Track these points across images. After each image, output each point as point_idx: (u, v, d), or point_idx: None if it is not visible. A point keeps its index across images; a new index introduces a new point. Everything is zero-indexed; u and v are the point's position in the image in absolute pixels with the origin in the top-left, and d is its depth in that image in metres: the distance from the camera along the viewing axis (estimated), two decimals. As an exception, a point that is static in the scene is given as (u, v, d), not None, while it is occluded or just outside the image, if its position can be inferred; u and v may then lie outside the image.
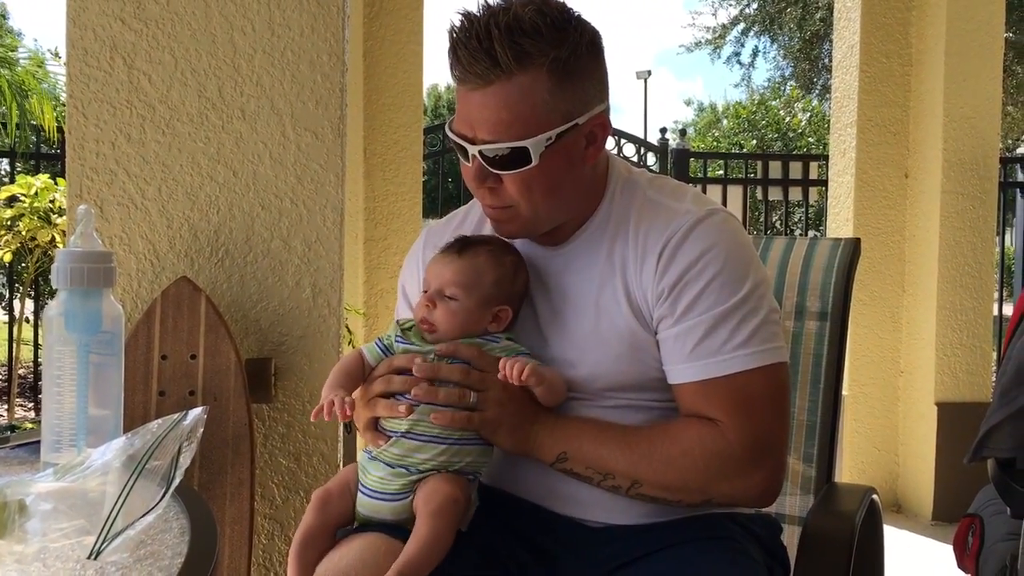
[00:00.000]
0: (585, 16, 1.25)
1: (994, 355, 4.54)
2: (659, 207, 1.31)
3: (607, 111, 1.29)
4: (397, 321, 1.34)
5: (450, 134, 1.27)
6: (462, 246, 1.30)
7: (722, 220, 1.29)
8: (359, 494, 1.23)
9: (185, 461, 0.93)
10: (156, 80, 2.00)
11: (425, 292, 1.30)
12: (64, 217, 3.81)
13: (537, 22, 1.18)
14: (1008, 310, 5.35)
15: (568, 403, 1.28)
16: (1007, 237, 7.03)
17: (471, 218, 1.46)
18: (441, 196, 5.82)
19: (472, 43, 1.18)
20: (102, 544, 0.81)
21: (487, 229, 1.40)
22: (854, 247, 1.74)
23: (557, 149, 1.22)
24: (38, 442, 1.10)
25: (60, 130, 4.60)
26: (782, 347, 1.28)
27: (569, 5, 1.24)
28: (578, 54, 1.21)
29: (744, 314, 1.24)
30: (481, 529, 1.25)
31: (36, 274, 4.71)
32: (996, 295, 4.40)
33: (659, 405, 1.30)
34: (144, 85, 2.00)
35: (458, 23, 1.20)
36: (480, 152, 1.22)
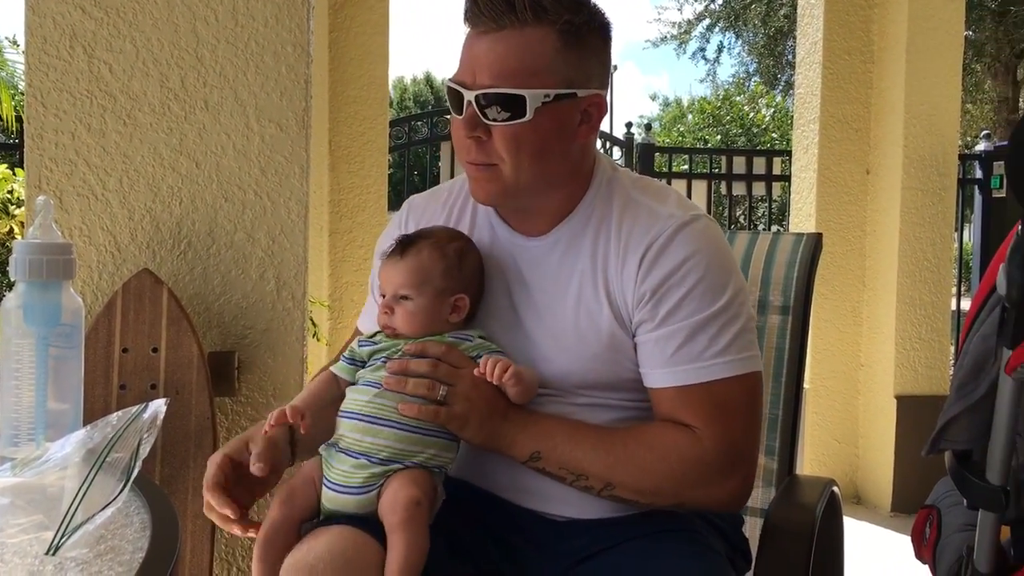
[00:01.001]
0: None
1: (952, 349, 4.61)
2: (642, 207, 1.31)
3: (605, 97, 1.30)
4: (363, 333, 1.36)
5: (448, 83, 1.27)
6: (404, 246, 1.30)
7: (705, 226, 1.30)
8: (323, 488, 1.23)
9: (144, 453, 0.92)
10: (117, 70, 1.97)
11: (383, 297, 1.30)
12: (23, 208, 3.74)
13: None
14: (966, 305, 5.45)
15: (539, 399, 1.28)
16: (965, 233, 7.15)
17: (453, 198, 1.44)
18: (407, 189, 5.79)
19: None
20: (61, 539, 0.80)
21: (468, 212, 1.40)
22: (816, 242, 1.76)
23: (552, 111, 1.23)
24: (-5, 436, 1.09)
25: (19, 119, 4.51)
26: (758, 356, 1.29)
27: None
28: (591, 27, 1.25)
29: (724, 322, 1.25)
30: (448, 522, 1.25)
31: (-7, 266, 4.63)
32: (954, 290, 4.47)
33: (631, 405, 1.31)
34: (105, 75, 1.97)
35: None
36: (476, 98, 1.22)
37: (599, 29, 1.26)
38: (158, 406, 0.94)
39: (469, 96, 1.23)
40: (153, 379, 1.92)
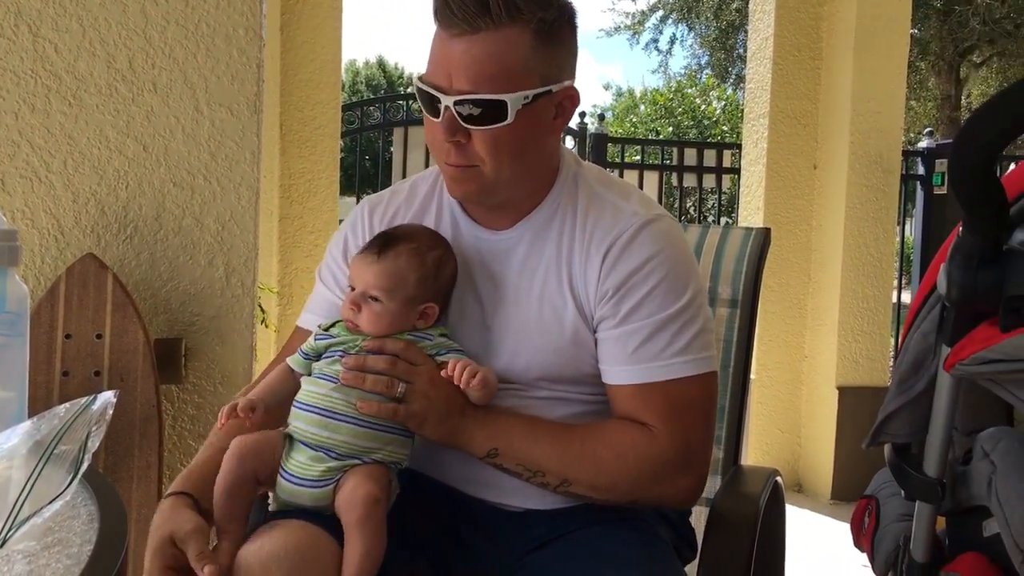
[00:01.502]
0: None
1: (892, 342, 4.72)
2: (607, 203, 1.32)
3: (575, 87, 1.30)
4: (319, 325, 1.32)
5: (420, 85, 1.24)
6: (382, 246, 1.28)
7: (668, 227, 1.31)
8: (279, 478, 1.22)
9: (93, 445, 0.90)
10: (63, 49, 1.93)
11: (352, 289, 1.29)
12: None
13: None
14: (907, 298, 5.57)
15: (499, 391, 1.28)
16: (907, 228, 7.31)
17: (416, 195, 1.42)
18: (359, 174, 5.75)
19: None
20: (8, 532, 0.78)
21: (433, 209, 1.39)
22: (765, 237, 1.79)
23: (530, 111, 1.22)
24: (-65, 425, 1.06)
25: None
26: (714, 357, 1.31)
27: None
28: (561, 22, 1.23)
29: (684, 322, 1.26)
30: (401, 514, 1.25)
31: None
32: (896, 283, 4.57)
33: (590, 399, 1.32)
34: (50, 54, 1.92)
35: None
36: (454, 103, 1.21)
37: (568, 21, 1.26)
38: (107, 398, 0.93)
39: (447, 101, 1.21)
40: (97, 366, 1.89)
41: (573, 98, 1.29)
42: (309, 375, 1.28)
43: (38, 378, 1.84)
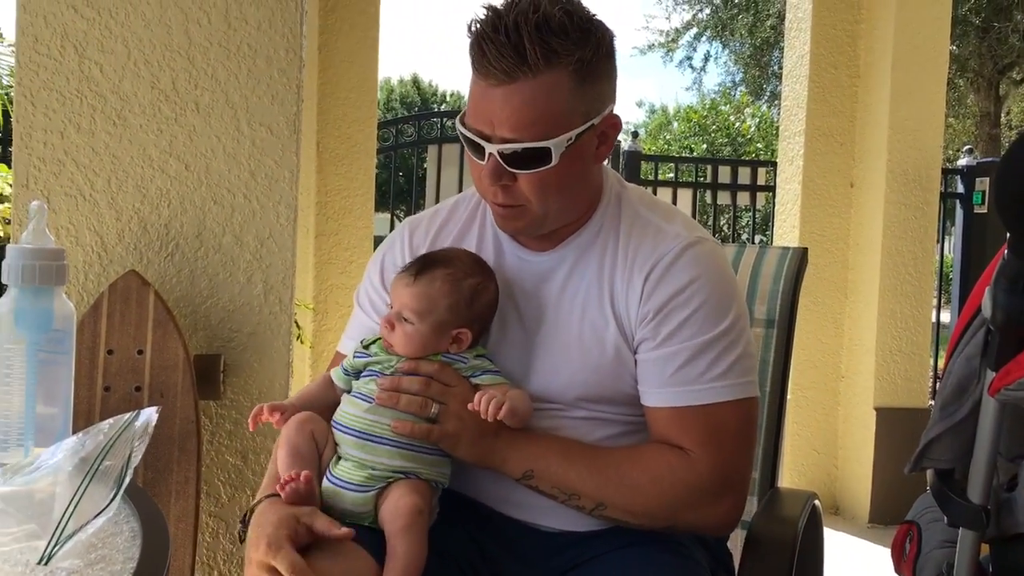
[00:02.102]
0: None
1: (931, 362, 4.65)
2: (650, 225, 1.32)
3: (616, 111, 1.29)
4: (361, 341, 1.34)
5: (464, 130, 1.25)
6: (419, 269, 1.29)
7: (710, 249, 1.31)
8: (324, 480, 1.23)
9: (136, 461, 0.91)
10: (108, 70, 1.97)
11: (389, 308, 1.30)
12: (5, 204, 3.72)
13: (565, 22, 1.18)
14: (945, 318, 5.50)
15: (537, 411, 1.28)
16: (945, 246, 7.21)
17: (457, 216, 1.43)
18: (392, 191, 5.79)
19: (500, 38, 1.16)
20: (53, 548, 0.80)
21: (475, 230, 1.39)
22: (802, 257, 1.77)
23: (574, 150, 1.22)
24: (-17, 440, 1.08)
25: (6, 115, 4.47)
26: (755, 382, 1.30)
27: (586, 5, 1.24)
28: (599, 55, 1.22)
29: (724, 346, 1.25)
30: (437, 533, 1.25)
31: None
32: (935, 303, 4.51)
33: (629, 420, 1.31)
34: (95, 75, 1.96)
35: (483, 17, 1.19)
36: (499, 151, 1.21)
37: (606, 51, 1.24)
38: (150, 414, 0.94)
39: (491, 149, 1.21)
40: (138, 381, 1.91)
41: (616, 126, 1.29)
42: (349, 392, 1.29)
43: (81, 393, 1.87)
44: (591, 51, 1.20)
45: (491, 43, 1.17)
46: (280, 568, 1.10)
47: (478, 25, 1.19)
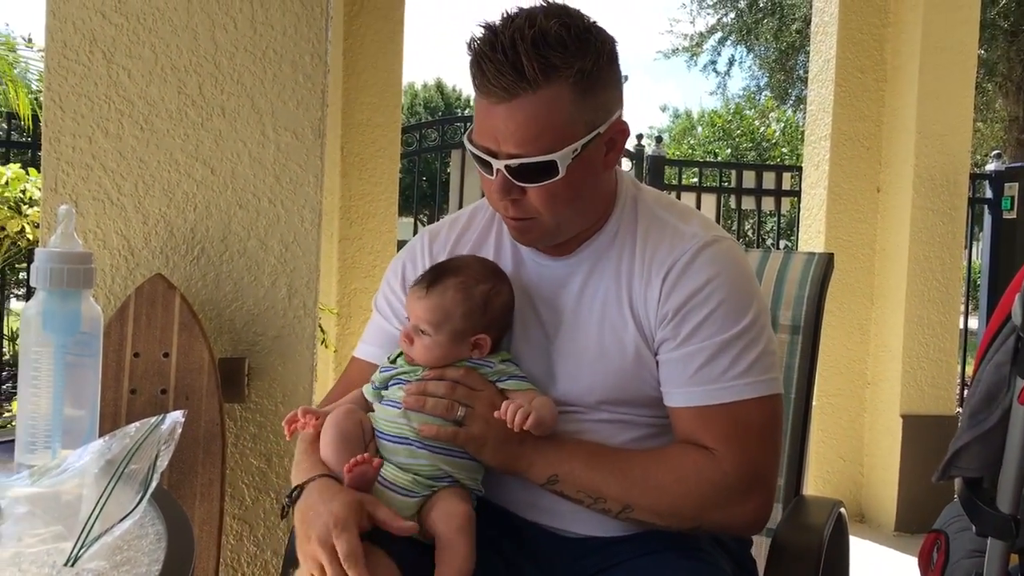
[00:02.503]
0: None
1: (959, 369, 4.60)
2: (667, 226, 1.32)
3: (623, 117, 1.29)
4: (388, 356, 1.35)
5: (471, 147, 1.25)
6: (431, 281, 1.30)
7: (728, 248, 1.30)
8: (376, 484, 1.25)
9: (162, 465, 0.92)
10: (135, 75, 1.98)
11: (408, 320, 1.32)
12: (34, 208, 3.76)
13: (562, 34, 1.17)
14: (973, 324, 5.43)
15: (560, 415, 1.28)
16: (973, 251, 7.14)
17: (475, 224, 1.43)
18: (415, 195, 5.81)
19: (498, 56, 1.16)
20: (80, 550, 0.80)
21: (492, 238, 1.40)
22: (828, 262, 1.76)
23: (581, 159, 1.22)
24: (12, 441, 1.09)
25: (35, 119, 4.51)
26: (779, 379, 1.29)
27: (584, 12, 1.23)
28: (600, 64, 1.21)
29: (746, 343, 1.25)
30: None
31: (3, 264, 4.64)
32: (962, 309, 4.45)
33: (653, 422, 1.31)
34: (123, 80, 1.98)
35: (480, 35, 1.19)
36: (505, 167, 1.21)
37: (607, 58, 1.23)
38: (176, 418, 0.95)
39: (498, 164, 1.22)
40: (164, 384, 1.93)
41: (624, 131, 1.29)
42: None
43: (107, 395, 1.88)
44: (591, 61, 1.19)
45: (489, 62, 1.17)
46: (339, 548, 1.11)
47: (476, 44, 1.19)
